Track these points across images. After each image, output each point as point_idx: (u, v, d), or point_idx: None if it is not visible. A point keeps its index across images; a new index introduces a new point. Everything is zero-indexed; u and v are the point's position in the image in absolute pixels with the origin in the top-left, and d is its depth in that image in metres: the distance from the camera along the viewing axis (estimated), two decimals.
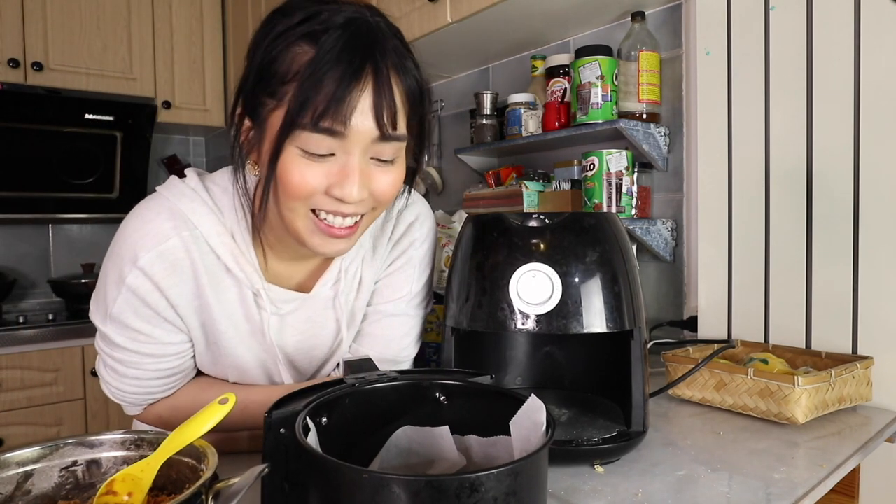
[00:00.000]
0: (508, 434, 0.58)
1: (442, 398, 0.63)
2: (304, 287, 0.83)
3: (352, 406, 0.61)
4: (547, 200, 1.50)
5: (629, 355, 0.78)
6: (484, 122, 1.72)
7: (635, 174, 1.40)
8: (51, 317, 2.15)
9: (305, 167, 0.65)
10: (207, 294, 0.76)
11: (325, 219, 0.69)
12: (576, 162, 1.54)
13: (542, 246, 0.74)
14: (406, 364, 0.93)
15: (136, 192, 2.46)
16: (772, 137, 1.15)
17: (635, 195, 1.41)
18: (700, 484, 0.70)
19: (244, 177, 0.74)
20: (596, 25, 1.58)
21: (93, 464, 0.57)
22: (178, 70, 2.51)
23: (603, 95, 1.36)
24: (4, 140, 2.16)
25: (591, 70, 1.36)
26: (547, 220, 0.76)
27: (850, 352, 1.04)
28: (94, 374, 2.07)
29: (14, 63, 2.13)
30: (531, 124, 1.55)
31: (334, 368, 0.88)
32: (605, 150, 1.35)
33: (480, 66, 1.97)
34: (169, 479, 0.56)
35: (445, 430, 0.61)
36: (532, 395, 0.57)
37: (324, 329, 0.85)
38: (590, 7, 1.45)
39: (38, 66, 2.17)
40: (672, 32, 1.42)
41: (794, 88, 1.11)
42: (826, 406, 0.90)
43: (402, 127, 0.69)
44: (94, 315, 0.77)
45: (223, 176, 0.78)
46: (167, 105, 2.47)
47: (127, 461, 0.57)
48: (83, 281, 2.35)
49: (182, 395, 0.84)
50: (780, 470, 0.73)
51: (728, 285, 1.22)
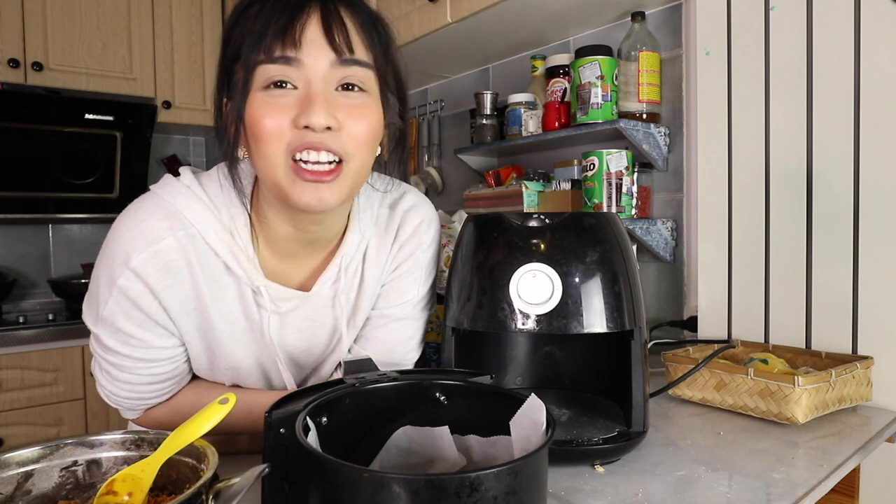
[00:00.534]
0: (509, 434, 0.58)
1: (442, 398, 0.63)
2: (305, 286, 0.82)
3: (352, 406, 0.61)
4: (547, 200, 1.50)
5: (629, 355, 0.78)
6: (484, 122, 1.72)
7: (635, 174, 1.40)
8: (51, 317, 2.15)
9: (270, 105, 0.65)
10: (205, 294, 0.75)
11: (301, 160, 0.66)
12: (576, 162, 1.54)
13: (542, 246, 0.74)
14: (409, 366, 0.92)
15: (136, 192, 2.42)
16: (772, 137, 1.15)
17: (635, 195, 1.41)
18: (700, 484, 0.70)
19: (235, 166, 0.73)
20: (596, 25, 1.58)
21: (93, 464, 0.57)
22: (178, 70, 2.51)
23: (603, 95, 1.36)
24: (4, 140, 2.16)
25: (591, 70, 1.36)
26: (547, 220, 0.76)
27: (850, 352, 1.04)
28: (93, 375, 2.07)
29: (14, 63, 2.13)
30: (531, 124, 1.55)
31: (335, 369, 0.88)
32: (605, 150, 1.35)
33: (480, 66, 1.97)
34: (169, 479, 0.56)
35: (445, 430, 0.61)
36: (532, 394, 0.57)
37: (323, 328, 0.84)
38: (590, 7, 1.45)
39: (38, 66, 2.17)
40: (672, 32, 1.42)
41: (794, 88, 1.11)
42: (826, 406, 0.90)
43: (362, 53, 0.68)
44: (86, 316, 0.76)
45: (219, 173, 0.77)
46: (167, 105, 2.47)
47: (127, 461, 0.57)
48: (83, 281, 2.34)
49: (182, 400, 0.83)
50: (780, 470, 0.73)
51: (728, 285, 1.22)
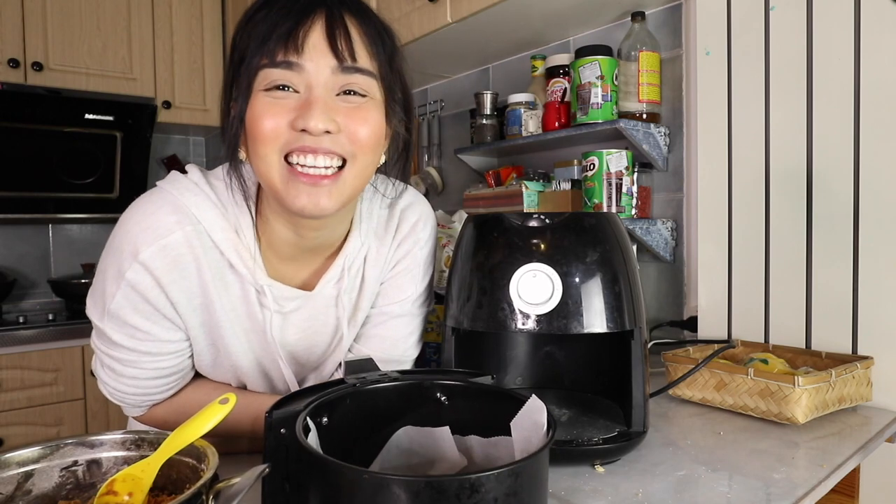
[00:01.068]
0: (509, 434, 0.58)
1: (443, 398, 0.63)
2: (307, 286, 0.82)
3: (353, 406, 0.61)
4: (547, 200, 1.50)
5: (629, 355, 0.78)
6: (484, 122, 1.72)
7: (635, 174, 1.40)
8: (51, 317, 2.15)
9: (270, 106, 0.66)
10: (210, 291, 0.75)
11: (298, 163, 0.67)
12: (576, 162, 1.54)
13: (542, 246, 0.74)
14: (409, 364, 0.93)
15: (136, 193, 2.44)
16: (772, 137, 1.15)
17: (635, 195, 1.41)
18: (700, 484, 0.70)
19: (236, 167, 0.74)
20: (596, 25, 1.58)
21: (93, 464, 0.57)
22: (178, 70, 2.51)
23: (603, 95, 1.36)
24: (4, 140, 2.16)
25: (591, 70, 1.36)
26: (547, 220, 0.76)
27: (850, 352, 1.04)
28: (94, 374, 2.07)
29: (14, 63, 2.13)
30: (531, 124, 1.55)
31: (337, 369, 0.88)
32: (605, 150, 1.35)
33: (480, 66, 1.97)
34: (169, 480, 0.56)
35: (446, 430, 0.61)
36: (533, 395, 0.57)
37: (325, 327, 0.84)
38: (590, 7, 1.45)
39: (38, 66, 2.17)
40: (672, 32, 1.42)
41: (794, 88, 1.11)
42: (826, 406, 0.90)
43: (365, 61, 0.68)
44: (92, 311, 0.76)
45: (224, 172, 0.78)
46: (167, 105, 2.47)
47: (127, 461, 0.57)
48: (83, 281, 2.35)
49: (187, 399, 0.83)
50: (780, 470, 0.73)
51: (728, 285, 1.22)
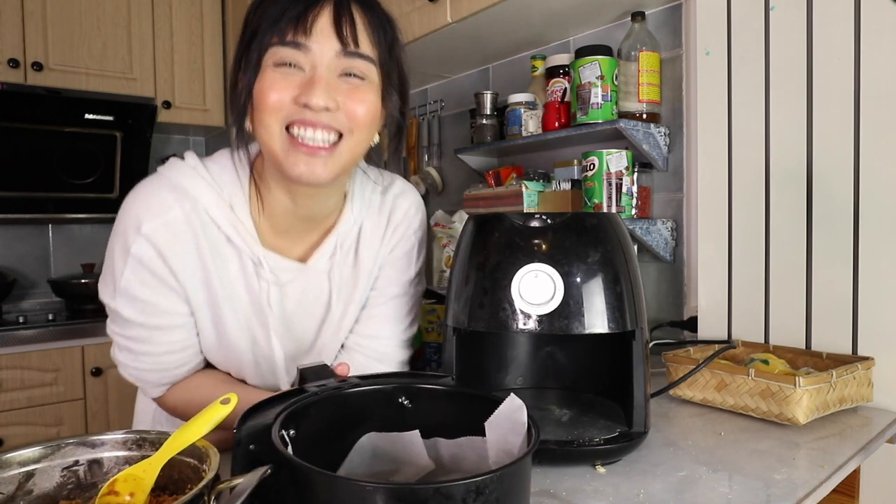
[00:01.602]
0: (475, 434, 0.57)
1: (406, 402, 0.63)
2: (302, 261, 0.87)
3: (317, 416, 0.59)
4: (547, 200, 1.50)
5: (630, 356, 0.78)
6: (484, 122, 1.72)
7: (635, 174, 1.40)
8: (51, 317, 2.15)
9: (277, 79, 0.72)
10: (209, 266, 0.80)
11: (298, 135, 0.72)
12: (576, 162, 1.54)
13: (543, 246, 0.74)
14: (409, 342, 1.00)
15: None
16: (772, 137, 1.15)
17: (635, 195, 1.41)
18: (701, 484, 0.70)
19: (242, 136, 0.78)
20: (596, 25, 1.58)
21: (94, 464, 0.57)
22: (178, 70, 2.51)
23: (603, 95, 1.36)
24: (4, 140, 2.16)
25: (591, 70, 1.36)
26: (549, 221, 0.76)
27: (851, 352, 1.04)
28: (94, 374, 2.07)
29: (14, 63, 2.13)
30: (531, 124, 1.55)
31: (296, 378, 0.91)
32: (605, 150, 1.35)
33: (480, 66, 1.97)
34: (171, 480, 0.56)
35: (416, 434, 0.60)
36: (511, 395, 0.56)
37: (318, 300, 0.89)
38: (590, 7, 1.45)
39: (38, 66, 2.17)
40: (672, 32, 1.42)
41: (794, 88, 1.11)
42: (827, 407, 0.90)
43: (367, 48, 0.74)
44: (104, 293, 0.81)
45: (222, 155, 0.84)
46: (167, 105, 2.47)
47: (129, 461, 0.57)
48: (83, 281, 2.34)
49: (197, 384, 0.85)
50: (781, 471, 0.73)
51: (728, 285, 1.22)
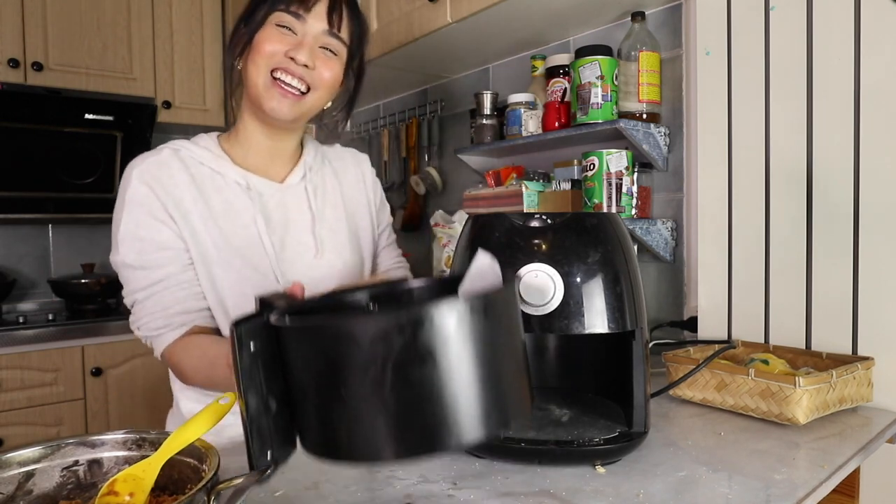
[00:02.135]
0: None
1: (373, 306, 0.65)
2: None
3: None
4: (547, 200, 1.50)
5: (630, 356, 0.78)
6: (484, 122, 1.72)
7: (635, 174, 1.40)
8: (51, 317, 2.14)
9: (276, 35, 0.92)
10: (206, 189, 0.94)
11: (280, 78, 0.91)
12: (576, 162, 1.54)
13: (543, 246, 0.74)
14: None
15: None
16: (772, 137, 1.15)
17: (635, 195, 1.41)
18: (701, 484, 0.70)
19: (235, 70, 0.98)
20: (596, 25, 1.58)
21: (94, 464, 0.57)
22: (178, 70, 2.50)
23: (603, 95, 1.36)
24: (4, 140, 2.16)
25: (591, 70, 1.36)
26: (549, 221, 0.76)
27: (851, 352, 1.04)
28: (94, 374, 2.07)
29: (14, 63, 2.13)
30: (531, 124, 1.55)
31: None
32: (605, 150, 1.35)
33: (480, 66, 1.97)
34: (170, 480, 0.56)
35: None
36: (479, 251, 0.59)
37: (300, 215, 1.02)
38: (590, 7, 1.45)
39: (38, 66, 2.17)
40: (672, 32, 1.42)
41: (794, 88, 1.11)
42: (827, 407, 0.90)
43: (345, 34, 0.96)
44: (113, 257, 0.91)
45: (200, 136, 1.00)
46: (167, 105, 2.47)
47: (128, 461, 0.57)
48: (83, 281, 2.34)
49: (199, 342, 0.90)
50: (780, 471, 0.73)
51: (728, 285, 1.22)
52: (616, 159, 1.35)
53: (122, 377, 2.13)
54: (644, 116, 1.39)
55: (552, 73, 1.52)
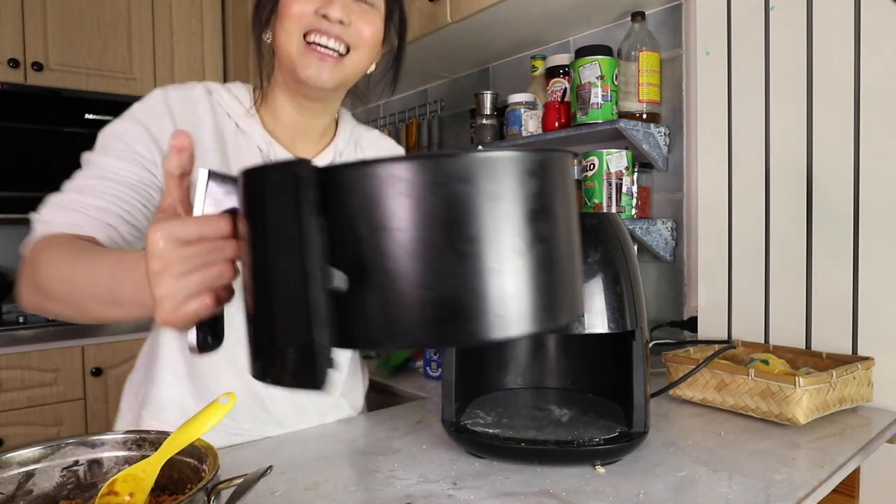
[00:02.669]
0: None
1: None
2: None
3: None
4: None
5: (630, 356, 0.78)
6: (484, 122, 1.72)
7: (635, 174, 1.40)
8: (51, 317, 2.14)
9: None
10: (226, 142, 0.87)
11: (315, 41, 0.82)
12: (576, 162, 1.54)
13: None
14: None
15: None
16: (772, 137, 1.15)
17: (635, 195, 1.41)
18: (701, 484, 0.70)
19: (262, 42, 0.88)
20: (596, 25, 1.58)
21: (94, 464, 0.57)
22: (178, 70, 2.50)
23: (603, 95, 1.36)
24: (4, 140, 2.16)
25: (591, 70, 1.36)
26: None
27: (850, 352, 1.04)
28: (94, 374, 2.07)
29: (14, 63, 2.13)
30: (531, 124, 1.55)
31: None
32: (605, 150, 1.36)
33: (480, 66, 1.97)
34: (171, 480, 0.56)
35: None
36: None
37: None
38: (590, 7, 1.45)
39: (38, 66, 2.17)
40: (672, 32, 1.42)
41: (794, 88, 1.11)
42: (827, 407, 0.90)
43: None
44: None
45: (234, 84, 0.93)
46: None
47: (128, 461, 0.57)
48: None
49: (88, 248, 0.68)
50: (781, 471, 0.73)
51: (728, 285, 1.22)
52: (616, 159, 1.35)
53: (121, 377, 2.13)
54: (644, 116, 1.39)
55: (552, 73, 1.52)
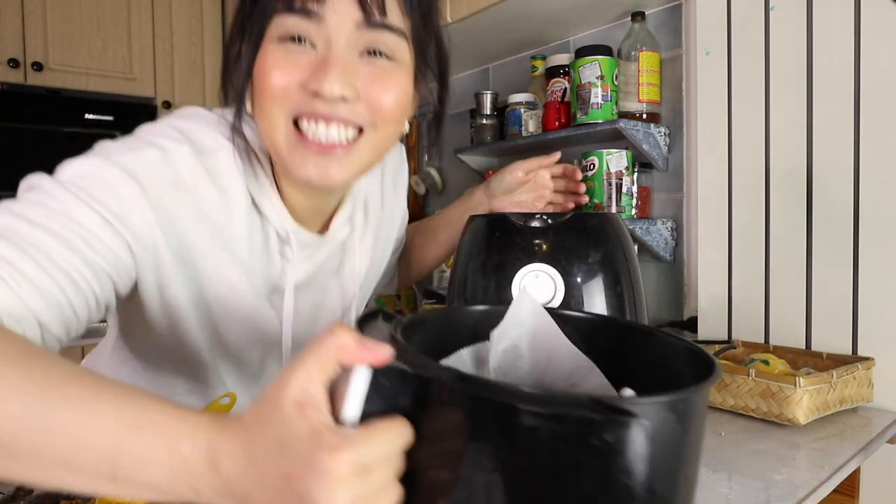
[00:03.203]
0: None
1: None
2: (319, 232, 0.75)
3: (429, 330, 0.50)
4: None
5: None
6: (484, 122, 1.72)
7: (635, 174, 1.40)
8: None
9: (281, 60, 0.57)
10: (241, 223, 0.65)
11: (308, 130, 0.58)
12: (576, 162, 1.54)
13: (544, 246, 0.74)
14: None
15: None
16: (772, 137, 1.15)
17: (635, 195, 1.41)
18: (701, 485, 0.70)
19: (240, 120, 0.64)
20: (596, 25, 1.58)
21: None
22: (178, 70, 2.50)
23: (603, 95, 1.36)
24: (4, 140, 2.16)
25: (591, 70, 1.36)
26: (550, 221, 0.76)
27: (851, 352, 1.03)
28: None
29: (14, 63, 2.13)
30: (531, 124, 1.55)
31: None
32: (605, 150, 1.35)
33: (480, 66, 1.97)
34: None
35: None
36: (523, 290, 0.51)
37: (336, 279, 0.77)
38: (590, 7, 1.45)
39: (38, 66, 2.17)
40: (672, 32, 1.42)
41: (794, 88, 1.11)
42: (827, 407, 0.90)
43: (396, 17, 0.59)
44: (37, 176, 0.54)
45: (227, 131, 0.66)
46: (167, 105, 2.47)
47: None
48: None
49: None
50: (781, 471, 0.73)
51: (728, 285, 1.22)
52: (616, 159, 1.35)
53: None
54: (644, 116, 1.39)
55: (552, 73, 1.52)
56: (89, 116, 2.30)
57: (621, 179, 1.35)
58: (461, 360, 0.51)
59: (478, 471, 0.34)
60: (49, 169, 0.54)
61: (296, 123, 0.59)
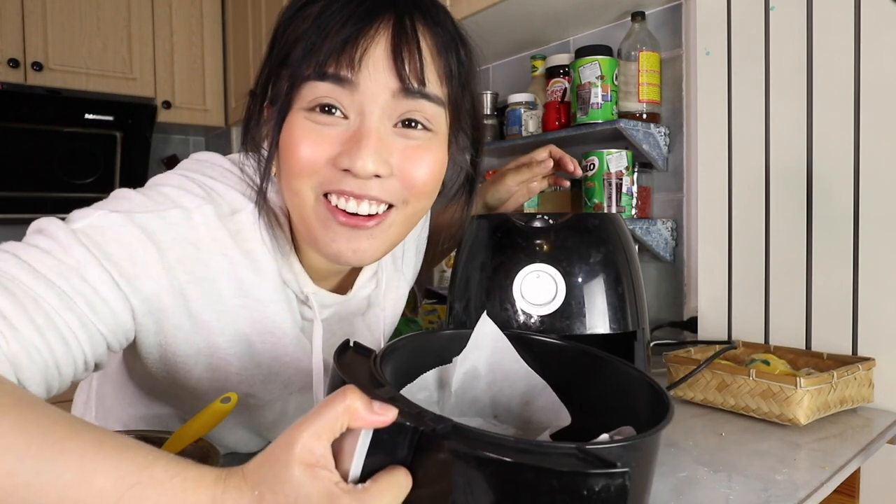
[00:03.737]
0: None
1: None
2: (340, 291, 0.72)
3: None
4: (547, 200, 1.50)
5: (632, 356, 0.78)
6: (484, 121, 1.72)
7: (635, 174, 1.40)
8: None
9: (310, 132, 0.54)
10: (248, 299, 0.63)
11: (337, 204, 0.55)
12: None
13: (545, 246, 0.74)
14: None
15: None
16: (772, 137, 1.15)
17: (635, 195, 1.41)
18: (702, 485, 0.70)
19: (266, 185, 0.62)
20: (596, 25, 1.58)
21: None
22: (178, 70, 2.51)
23: (603, 95, 1.36)
24: (4, 140, 2.16)
25: (591, 70, 1.36)
26: (551, 221, 0.76)
27: (851, 353, 1.03)
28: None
29: (14, 63, 2.13)
30: (531, 124, 1.55)
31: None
32: (605, 150, 1.35)
33: (480, 66, 1.96)
34: None
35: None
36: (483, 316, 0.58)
37: (359, 335, 0.76)
38: (590, 7, 1.45)
39: (38, 66, 2.17)
40: (672, 32, 1.42)
41: (794, 88, 1.11)
42: (828, 407, 0.90)
43: (434, 85, 0.56)
44: (51, 223, 0.55)
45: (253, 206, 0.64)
46: (167, 105, 2.47)
47: None
48: None
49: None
50: (781, 471, 0.73)
51: (728, 286, 1.22)
52: (616, 159, 1.35)
53: None
54: (644, 116, 1.39)
55: (552, 73, 1.52)
56: (89, 116, 2.30)
57: (621, 179, 1.35)
58: (425, 383, 0.57)
59: None
60: (49, 169, 0.54)
61: (325, 197, 0.57)
